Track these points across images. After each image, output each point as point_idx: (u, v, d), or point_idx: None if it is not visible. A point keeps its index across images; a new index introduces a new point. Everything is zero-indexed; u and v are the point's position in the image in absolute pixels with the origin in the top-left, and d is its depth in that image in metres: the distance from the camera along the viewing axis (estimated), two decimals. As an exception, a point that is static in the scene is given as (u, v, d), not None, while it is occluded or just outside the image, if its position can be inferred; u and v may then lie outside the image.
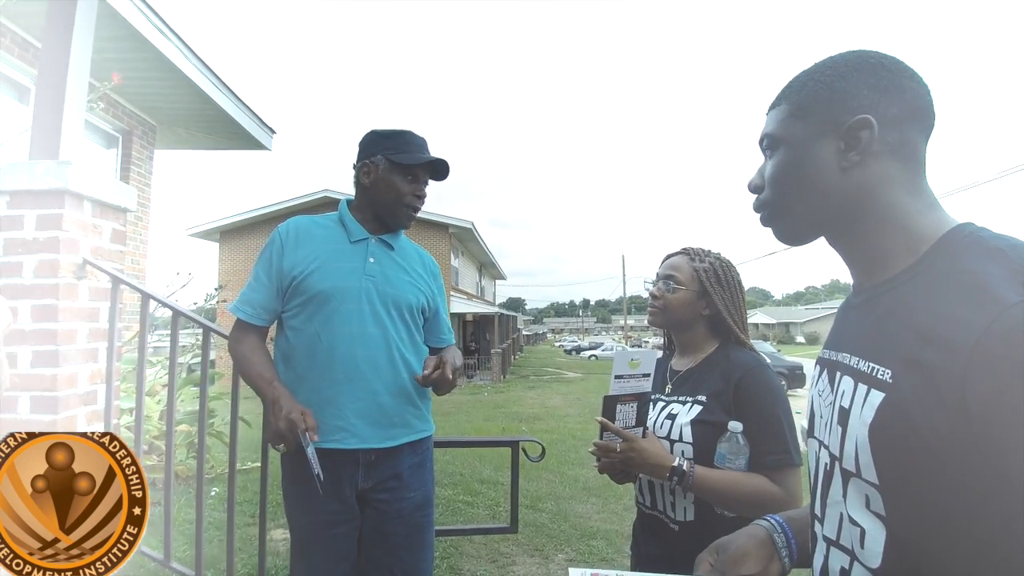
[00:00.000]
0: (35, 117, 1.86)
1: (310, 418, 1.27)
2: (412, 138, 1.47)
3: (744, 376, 1.18)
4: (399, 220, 1.47)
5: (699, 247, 1.35)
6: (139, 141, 5.07)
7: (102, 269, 1.79)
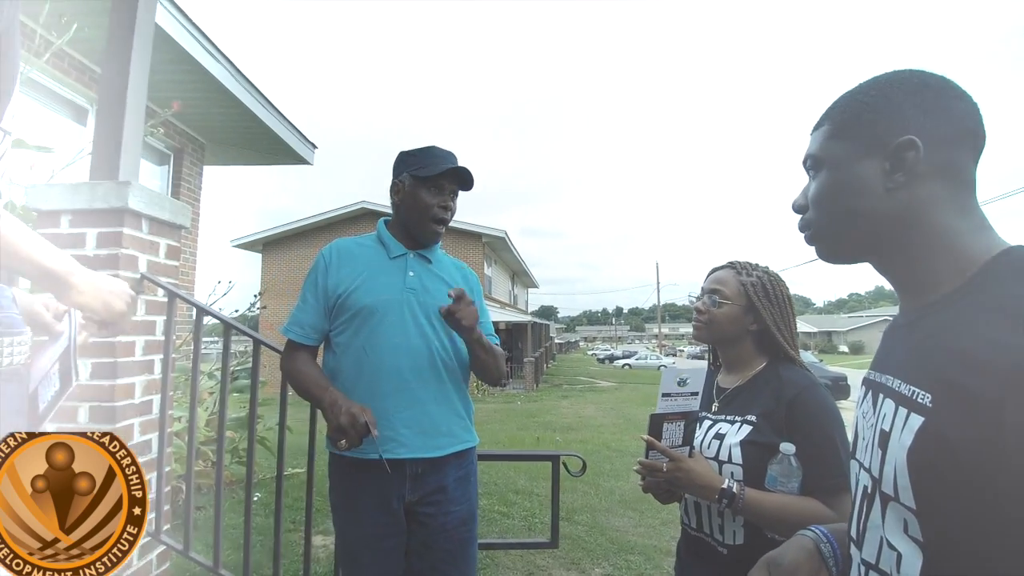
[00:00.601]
0: (96, 140, 1.97)
1: (370, 413, 1.30)
2: (435, 152, 1.50)
3: (797, 396, 1.14)
4: (427, 233, 1.49)
5: (746, 261, 1.32)
6: (189, 158, 5.30)
7: (158, 284, 1.87)
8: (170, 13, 3.64)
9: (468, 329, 1.36)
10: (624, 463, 6.58)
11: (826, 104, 0.70)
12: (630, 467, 6.38)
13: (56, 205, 1.78)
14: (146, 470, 1.88)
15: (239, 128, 5.18)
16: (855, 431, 0.71)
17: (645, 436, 1.15)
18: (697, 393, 1.16)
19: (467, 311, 1.34)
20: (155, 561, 1.94)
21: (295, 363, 1.46)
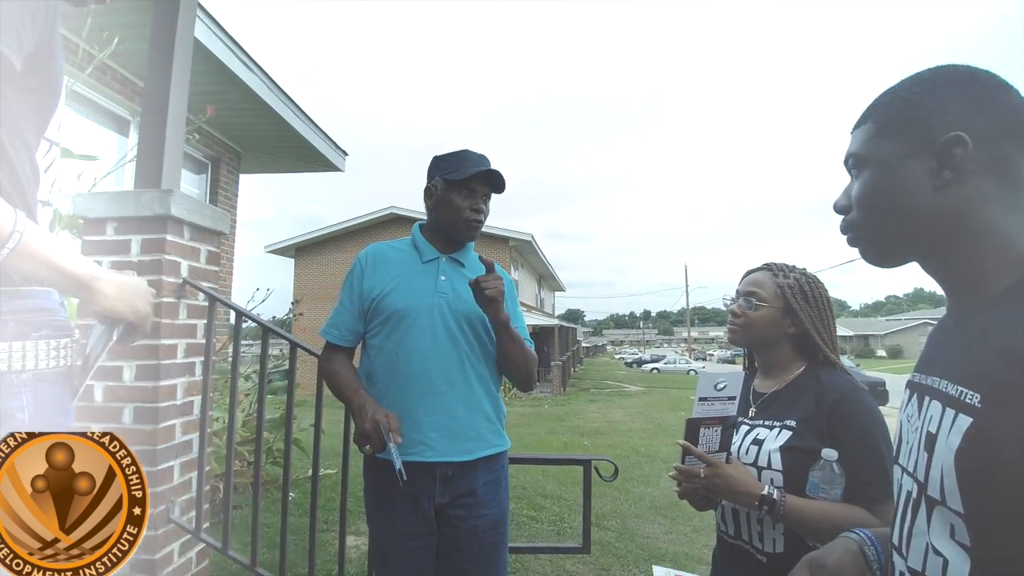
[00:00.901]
0: (139, 151, 2.05)
1: (394, 420, 1.33)
2: (466, 155, 1.51)
3: (839, 400, 1.11)
4: (461, 235, 1.51)
5: (782, 262, 1.29)
6: (226, 166, 5.47)
7: (199, 288, 1.93)
8: (207, 26, 3.77)
9: (489, 300, 1.35)
10: (654, 468, 6.49)
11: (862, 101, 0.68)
12: (660, 472, 6.32)
13: (102, 213, 1.86)
14: (187, 470, 1.94)
15: (273, 137, 5.31)
16: (898, 436, 0.69)
17: (681, 441, 1.14)
18: (734, 398, 1.14)
19: (493, 283, 1.35)
20: (195, 559, 2.00)
21: (331, 364, 1.50)
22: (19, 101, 0.74)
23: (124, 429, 1.81)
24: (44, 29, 0.73)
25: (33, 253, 0.68)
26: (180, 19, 2.08)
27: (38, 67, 0.75)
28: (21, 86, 0.73)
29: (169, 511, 1.85)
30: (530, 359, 1.51)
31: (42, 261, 0.70)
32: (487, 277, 1.35)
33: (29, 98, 0.75)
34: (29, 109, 0.76)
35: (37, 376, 0.75)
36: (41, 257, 0.69)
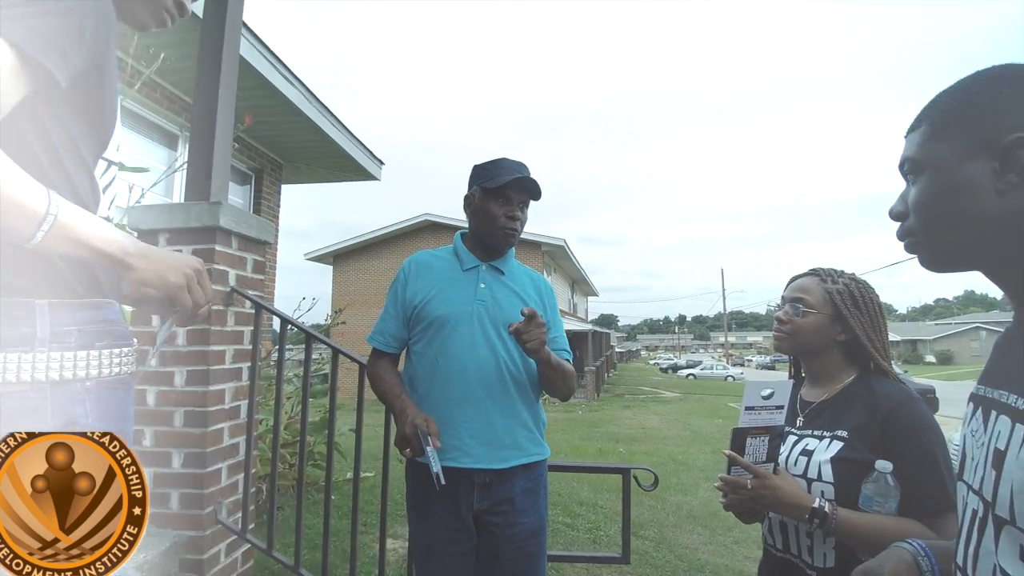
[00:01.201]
0: (189, 165, 2.13)
1: (433, 425, 1.36)
2: (503, 163, 1.52)
3: (893, 410, 1.07)
4: (498, 243, 1.52)
5: (830, 267, 1.25)
6: (268, 177, 5.65)
7: (246, 296, 2.00)
8: (251, 43, 3.91)
9: (534, 351, 1.35)
10: (692, 477, 6.35)
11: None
12: (698, 481, 6.18)
13: (154, 225, 1.95)
14: (233, 472, 2.01)
15: (313, 148, 5.47)
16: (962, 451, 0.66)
17: (727, 451, 1.11)
18: (782, 407, 1.11)
19: (535, 333, 1.32)
20: (240, 559, 2.06)
21: (376, 369, 1.55)
22: (74, 119, 0.77)
23: (175, 432, 1.89)
24: (96, 49, 0.75)
25: (67, 233, 0.69)
26: (226, 39, 2.17)
27: (91, 87, 0.77)
28: (75, 105, 0.76)
29: (217, 512, 1.92)
30: (569, 378, 1.51)
31: (76, 241, 0.70)
32: (528, 327, 1.31)
33: (84, 117, 0.78)
34: (85, 128, 0.79)
35: (100, 383, 0.78)
36: (75, 237, 0.70)
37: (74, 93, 0.74)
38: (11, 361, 0.70)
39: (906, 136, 0.67)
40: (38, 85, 0.69)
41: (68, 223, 0.69)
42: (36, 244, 0.67)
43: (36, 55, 0.66)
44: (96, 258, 0.74)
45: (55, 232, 0.67)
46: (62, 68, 0.70)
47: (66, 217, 0.68)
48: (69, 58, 0.71)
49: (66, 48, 0.70)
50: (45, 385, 0.72)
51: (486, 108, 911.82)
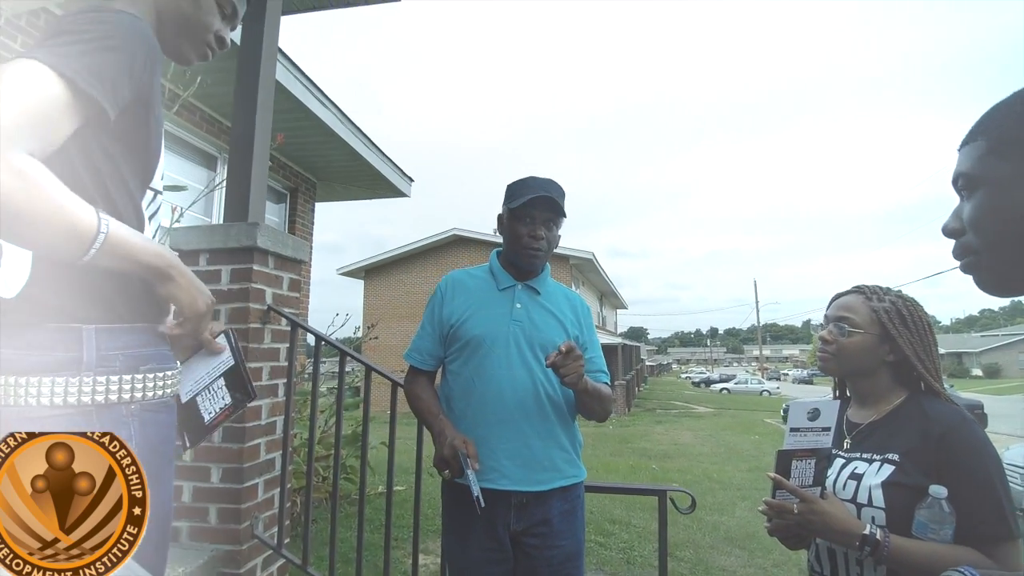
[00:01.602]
0: (228, 187, 2.20)
1: (472, 446, 1.35)
2: (527, 182, 1.51)
3: (947, 433, 1.02)
4: (523, 262, 1.51)
5: (874, 285, 1.21)
6: (303, 196, 5.80)
7: (282, 314, 2.05)
8: (286, 68, 4.05)
9: (572, 385, 1.33)
10: (728, 496, 6.17)
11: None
12: (735, 500, 5.99)
13: (195, 245, 2.01)
14: (270, 487, 2.04)
15: (345, 167, 5.61)
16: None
17: (772, 474, 1.07)
18: (829, 429, 1.07)
19: (572, 367, 1.29)
20: (275, 574, 2.08)
21: (413, 387, 1.55)
22: (119, 150, 0.80)
23: (214, 448, 1.93)
24: (143, 84, 0.79)
25: (115, 250, 0.72)
26: (263, 65, 2.24)
27: (139, 120, 0.81)
28: (121, 137, 0.79)
29: (253, 527, 1.95)
30: (606, 402, 1.48)
31: (124, 256, 0.74)
32: (566, 361, 1.28)
33: (129, 148, 0.82)
34: (130, 158, 0.82)
35: (144, 407, 0.81)
36: (122, 252, 0.74)
37: (121, 125, 0.78)
38: (59, 385, 0.72)
39: (959, 149, 0.64)
40: (89, 117, 0.72)
41: (116, 240, 0.72)
42: (86, 262, 0.70)
43: (88, 89, 0.70)
44: (140, 271, 0.78)
45: (105, 249, 0.71)
46: (111, 101, 0.73)
47: (114, 234, 0.72)
48: (118, 92, 0.74)
49: (115, 82, 0.73)
50: (91, 408, 0.74)
51: (512, 122, 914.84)
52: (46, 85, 0.67)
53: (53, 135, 0.68)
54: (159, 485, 0.85)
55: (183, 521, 1.92)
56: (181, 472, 1.94)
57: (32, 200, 0.63)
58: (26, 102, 0.65)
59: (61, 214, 0.66)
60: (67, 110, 0.69)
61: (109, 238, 0.71)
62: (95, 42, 0.72)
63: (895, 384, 1.15)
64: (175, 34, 0.95)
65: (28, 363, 0.73)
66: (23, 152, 0.64)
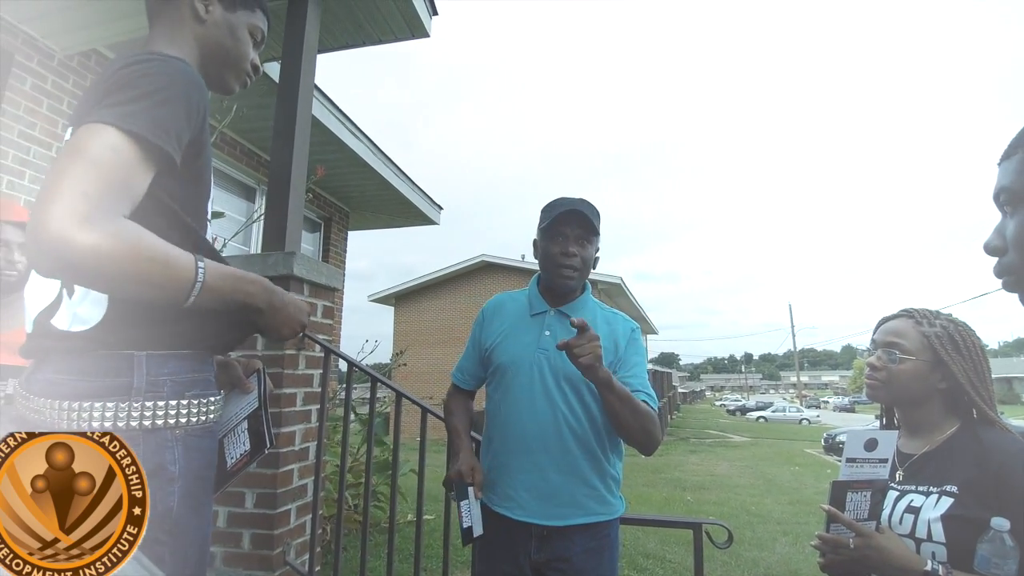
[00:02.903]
0: (266, 218, 2.28)
1: (479, 474, 1.39)
2: (557, 202, 1.47)
3: (1006, 463, 0.97)
4: (554, 282, 1.45)
5: (924, 308, 1.16)
6: (336, 225, 5.96)
7: (316, 341, 2.08)
8: (321, 102, 4.21)
9: (586, 368, 1.19)
10: (767, 531, 5.90)
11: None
12: (775, 535, 5.73)
13: (237, 274, 2.08)
14: (302, 513, 2.04)
15: (376, 196, 5.76)
16: None
17: (826, 506, 1.03)
18: (887, 460, 1.02)
19: (587, 347, 1.18)
20: (307, 601, 2.07)
21: (450, 404, 1.59)
22: (184, 191, 0.85)
23: (248, 473, 1.95)
24: (197, 126, 0.83)
25: (212, 291, 0.77)
26: (299, 102, 2.34)
27: (194, 158, 0.85)
28: (182, 178, 0.84)
29: (285, 553, 1.95)
30: (644, 419, 1.30)
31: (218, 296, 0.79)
32: (579, 340, 1.18)
33: (186, 186, 0.85)
34: (188, 196, 0.86)
35: (188, 431, 0.82)
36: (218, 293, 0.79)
37: (181, 167, 0.81)
38: (109, 409, 0.75)
39: (1000, 164, 0.62)
40: (161, 168, 0.77)
41: (213, 282, 0.77)
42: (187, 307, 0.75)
43: (158, 143, 0.74)
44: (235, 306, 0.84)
45: (203, 294, 0.76)
46: (177, 150, 0.78)
47: (211, 276, 0.77)
48: (181, 139, 0.79)
49: (178, 131, 0.78)
50: (138, 432, 0.76)
51: (539, 149, 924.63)
52: (120, 148, 0.71)
53: (135, 192, 0.73)
54: (200, 509, 0.86)
55: (217, 547, 1.94)
56: (218, 497, 1.97)
57: (137, 261, 0.68)
58: (107, 169, 0.69)
59: (164, 268, 0.71)
60: (141, 166, 0.73)
61: (207, 283, 0.76)
62: (155, 95, 0.76)
63: (947, 412, 1.10)
64: (218, 67, 1.00)
65: (80, 388, 0.75)
66: (118, 216, 0.69)
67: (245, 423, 0.96)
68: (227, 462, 0.94)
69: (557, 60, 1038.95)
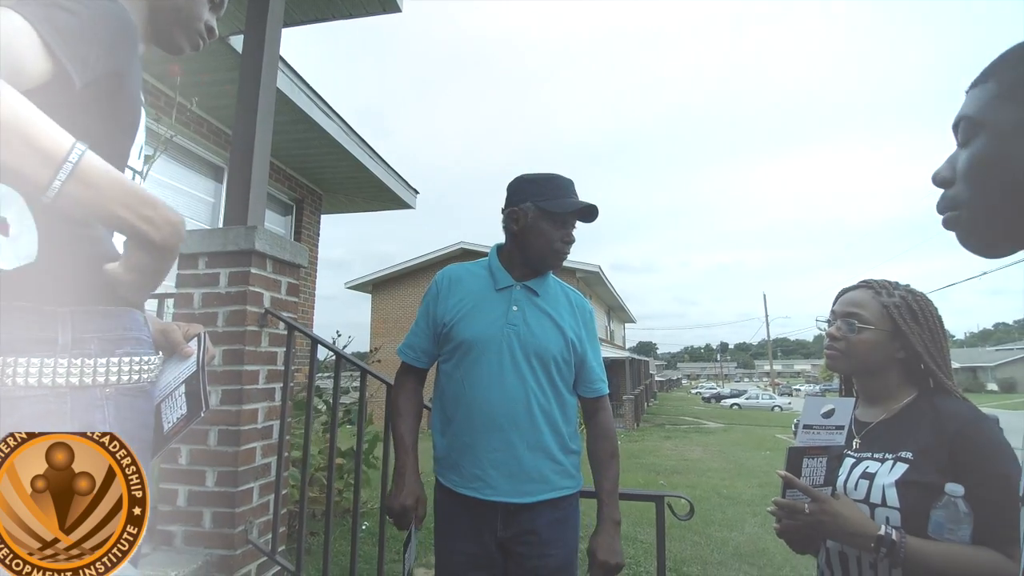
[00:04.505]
0: (228, 192, 2.22)
1: (423, 508, 1.37)
2: (560, 183, 1.45)
3: (961, 429, 0.98)
4: (548, 265, 1.46)
5: (882, 279, 1.17)
6: (309, 208, 5.84)
7: (279, 317, 2.04)
8: (292, 80, 4.10)
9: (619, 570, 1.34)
10: (737, 512, 6.04)
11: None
12: (744, 516, 5.86)
13: (194, 248, 2.01)
14: (265, 492, 2.01)
15: (350, 178, 5.65)
16: None
17: (782, 471, 1.03)
18: (843, 427, 1.03)
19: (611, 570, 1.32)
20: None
21: (399, 396, 1.50)
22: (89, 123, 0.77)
23: (209, 451, 1.91)
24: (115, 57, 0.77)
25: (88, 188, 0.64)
26: (263, 73, 2.27)
27: (109, 93, 0.79)
28: (90, 110, 0.77)
29: (248, 532, 1.91)
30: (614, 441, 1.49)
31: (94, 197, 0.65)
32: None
33: (99, 122, 0.79)
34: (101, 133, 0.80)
35: (119, 390, 0.79)
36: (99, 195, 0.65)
37: (90, 98, 0.76)
38: (33, 365, 0.71)
39: (967, 91, 0.59)
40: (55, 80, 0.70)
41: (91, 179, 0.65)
42: (52, 198, 0.63)
43: (56, 51, 0.68)
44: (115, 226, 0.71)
45: (75, 177, 0.63)
46: (78, 68, 0.71)
47: (91, 172, 0.65)
48: (88, 62, 0.73)
49: (85, 52, 0.72)
50: (65, 390, 0.72)
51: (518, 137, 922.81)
52: (17, 29, 0.64)
53: (17, 77, 0.64)
54: None
55: (178, 525, 1.90)
56: (177, 476, 1.92)
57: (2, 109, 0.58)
58: None
59: (25, 136, 0.60)
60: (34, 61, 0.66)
61: (83, 172, 0.63)
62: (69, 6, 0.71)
63: (905, 382, 1.11)
64: (168, 24, 0.95)
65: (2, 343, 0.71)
66: None
67: (183, 387, 0.92)
68: (164, 426, 0.91)
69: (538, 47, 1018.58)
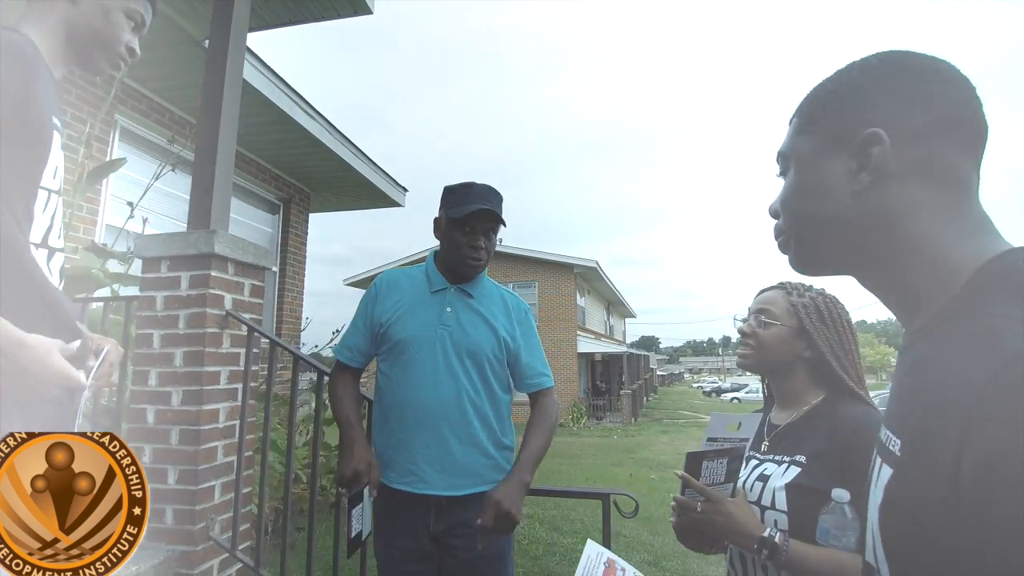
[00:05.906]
0: (192, 194, 2.24)
1: (376, 472, 1.39)
2: (469, 190, 1.48)
3: (853, 434, 1.00)
4: (462, 271, 1.50)
5: (798, 282, 1.20)
6: (296, 207, 5.88)
7: (240, 320, 2.07)
8: (270, 80, 4.12)
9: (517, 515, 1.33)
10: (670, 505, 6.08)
11: None
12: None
13: (157, 252, 2.05)
14: (228, 490, 2.05)
15: (336, 177, 5.68)
16: None
17: (680, 472, 1.06)
18: (748, 439, 1.06)
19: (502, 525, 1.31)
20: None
21: (336, 388, 1.56)
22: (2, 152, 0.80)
23: (171, 449, 1.96)
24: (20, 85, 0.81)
25: None
26: (227, 75, 2.29)
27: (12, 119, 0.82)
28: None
29: (209, 528, 1.96)
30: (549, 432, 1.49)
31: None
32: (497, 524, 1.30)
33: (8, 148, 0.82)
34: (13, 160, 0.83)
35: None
36: None
37: None
38: None
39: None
40: None
41: None
42: None
43: None
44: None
45: None
46: None
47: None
48: None
49: None
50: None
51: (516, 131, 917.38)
52: None
53: None
54: None
55: (139, 524, 1.94)
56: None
57: None
58: None
59: None
60: None
61: None
62: None
63: (813, 384, 1.13)
64: (87, 46, 0.99)
65: None
66: None
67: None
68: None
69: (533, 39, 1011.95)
